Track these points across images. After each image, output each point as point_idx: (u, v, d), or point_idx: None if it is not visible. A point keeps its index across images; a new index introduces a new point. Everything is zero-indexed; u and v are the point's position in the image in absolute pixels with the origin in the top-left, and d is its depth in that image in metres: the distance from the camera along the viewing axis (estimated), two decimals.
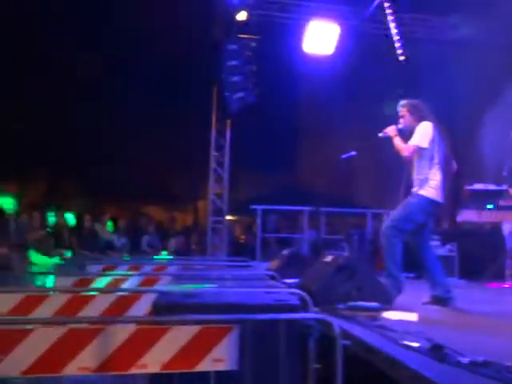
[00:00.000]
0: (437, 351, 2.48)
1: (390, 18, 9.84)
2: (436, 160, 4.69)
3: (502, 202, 7.08)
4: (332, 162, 8.93)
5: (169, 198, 14.42)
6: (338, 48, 9.77)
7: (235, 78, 9.55)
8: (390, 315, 3.65)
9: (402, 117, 4.90)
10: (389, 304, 4.03)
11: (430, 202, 4.68)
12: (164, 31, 10.28)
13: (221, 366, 2.51)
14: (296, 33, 9.86)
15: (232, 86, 9.55)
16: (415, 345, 2.64)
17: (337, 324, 2.65)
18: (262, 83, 9.74)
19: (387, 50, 10.17)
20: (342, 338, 2.60)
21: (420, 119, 4.76)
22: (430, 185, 4.66)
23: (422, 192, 4.70)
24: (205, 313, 2.71)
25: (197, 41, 10.02)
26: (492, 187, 7.26)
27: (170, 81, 11.59)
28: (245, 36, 9.69)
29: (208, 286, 3.71)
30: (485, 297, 5.78)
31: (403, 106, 4.90)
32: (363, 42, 10.02)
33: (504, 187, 7.26)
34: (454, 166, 4.88)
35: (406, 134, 4.83)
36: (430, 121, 4.71)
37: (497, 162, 8.13)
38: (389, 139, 4.89)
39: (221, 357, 2.52)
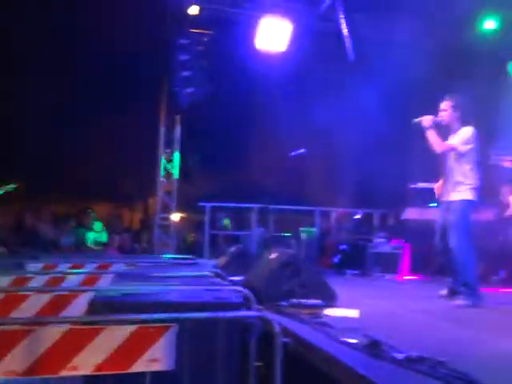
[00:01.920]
0: (373, 347, 2.50)
1: (341, 16, 9.96)
2: (472, 165, 4.68)
3: None
4: (282, 159, 8.97)
5: (118, 196, 14.14)
6: (290, 45, 9.79)
7: (186, 73, 9.43)
8: (332, 312, 3.67)
9: (444, 110, 4.76)
10: (332, 301, 4.06)
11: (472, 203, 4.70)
12: (113, 24, 10.03)
13: (157, 367, 2.44)
14: (249, 29, 9.82)
15: (182, 81, 9.43)
16: (353, 341, 2.65)
17: (277, 321, 2.63)
18: (214, 79, 9.65)
19: (338, 48, 10.29)
20: (283, 335, 2.58)
21: (461, 119, 4.69)
22: (469, 187, 4.68)
23: (464, 196, 4.68)
24: (143, 312, 2.64)
25: (147, 35, 9.83)
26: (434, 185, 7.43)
27: (119, 75, 11.33)
28: (196, 31, 9.58)
29: (150, 285, 3.62)
30: (428, 292, 5.91)
31: (449, 99, 4.76)
32: (315, 40, 10.08)
33: None
34: None
35: (441, 128, 4.73)
36: (472, 125, 4.66)
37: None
38: (422, 127, 4.73)
39: (157, 357, 2.45)
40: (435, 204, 7.34)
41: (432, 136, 4.67)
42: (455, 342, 2.97)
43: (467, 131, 4.65)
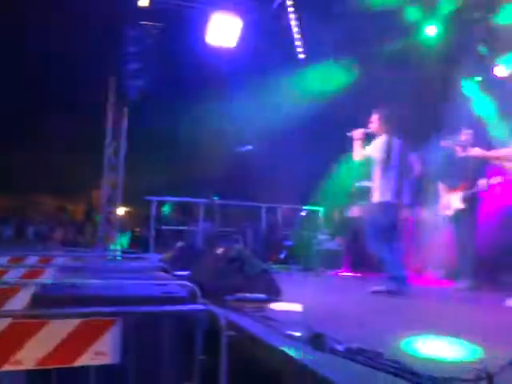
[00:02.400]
0: (316, 340, 2.58)
1: (291, 16, 10.09)
2: (386, 169, 5.08)
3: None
4: (230, 155, 9.02)
5: (62, 188, 13.79)
6: (240, 41, 9.83)
7: (135, 66, 9.31)
8: (277, 306, 3.75)
9: (373, 122, 5.23)
10: (276, 296, 4.14)
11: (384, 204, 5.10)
12: (62, 14, 9.74)
13: (102, 360, 2.44)
14: (200, 23, 9.79)
15: (131, 74, 9.30)
16: (297, 334, 2.73)
17: (223, 315, 2.67)
18: (163, 72, 9.56)
19: (288, 46, 10.43)
20: (228, 329, 2.63)
21: (387, 130, 5.12)
22: (382, 190, 5.09)
23: (377, 198, 5.14)
24: (87, 305, 2.61)
25: (96, 26, 9.61)
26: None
27: (67, 66, 11.03)
28: (146, 23, 9.46)
29: (94, 278, 3.58)
30: (367, 288, 6.10)
31: (378, 113, 5.21)
32: (266, 37, 10.17)
33: None
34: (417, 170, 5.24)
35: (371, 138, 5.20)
36: (391, 134, 5.09)
37: None
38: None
39: (102, 350, 2.45)
40: None
41: (355, 146, 5.19)
42: (392, 334, 3.11)
43: (379, 141, 5.11)
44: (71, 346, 2.39)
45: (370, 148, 5.20)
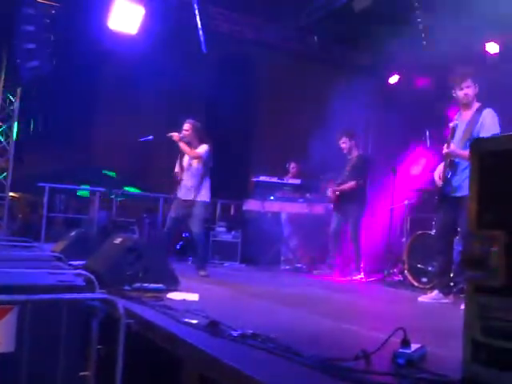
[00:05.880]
0: (212, 327, 2.72)
1: (195, 7, 10.10)
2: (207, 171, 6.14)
3: (280, 194, 7.86)
4: (130, 144, 8.87)
5: None
6: (143, 29, 9.69)
7: (30, 45, 8.82)
8: (174, 296, 3.84)
9: (187, 131, 6.14)
10: (174, 286, 4.23)
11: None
12: None
13: None
14: (102, 6, 9.51)
15: (25, 54, 8.80)
16: (194, 322, 2.85)
17: (121, 304, 2.71)
18: (60, 53, 9.17)
19: (191, 39, 10.43)
20: (126, 317, 2.67)
21: (199, 139, 6.15)
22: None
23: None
24: None
25: None
26: (274, 180, 7.97)
27: None
28: (44, 1, 9.00)
29: None
30: (262, 279, 6.37)
31: (190, 124, 6.18)
32: (168, 27, 10.10)
33: (285, 180, 8.07)
34: None
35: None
36: (207, 142, 6.12)
37: (282, 157, 8.98)
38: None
39: None
40: (272, 197, 7.90)
41: (183, 146, 6.10)
42: (287, 321, 3.33)
43: (204, 147, 6.08)
44: None
45: (200, 149, 6.09)
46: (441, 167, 4.87)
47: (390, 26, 7.33)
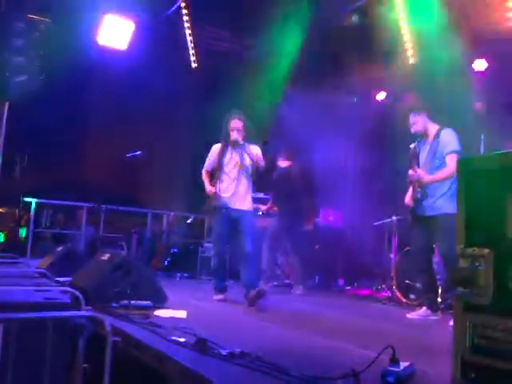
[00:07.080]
0: (200, 345, 2.70)
1: (186, 24, 10.18)
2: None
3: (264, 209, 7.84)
4: (118, 159, 8.84)
5: None
6: (132, 45, 9.73)
7: (18, 60, 8.80)
8: (162, 313, 3.81)
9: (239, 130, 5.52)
10: (162, 303, 4.19)
11: None
12: None
13: None
14: (91, 22, 9.55)
15: (14, 67, 8.78)
16: (182, 340, 2.82)
17: (108, 322, 2.68)
18: (49, 69, 9.15)
19: (180, 55, 10.49)
20: (113, 335, 2.64)
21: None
22: None
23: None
24: None
25: None
26: (260, 195, 7.97)
27: None
28: (35, 16, 9.03)
29: None
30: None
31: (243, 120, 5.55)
32: (158, 43, 10.15)
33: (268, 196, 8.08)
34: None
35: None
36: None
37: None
38: None
39: None
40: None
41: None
42: (275, 339, 3.31)
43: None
44: None
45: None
46: (411, 189, 4.94)
47: None
